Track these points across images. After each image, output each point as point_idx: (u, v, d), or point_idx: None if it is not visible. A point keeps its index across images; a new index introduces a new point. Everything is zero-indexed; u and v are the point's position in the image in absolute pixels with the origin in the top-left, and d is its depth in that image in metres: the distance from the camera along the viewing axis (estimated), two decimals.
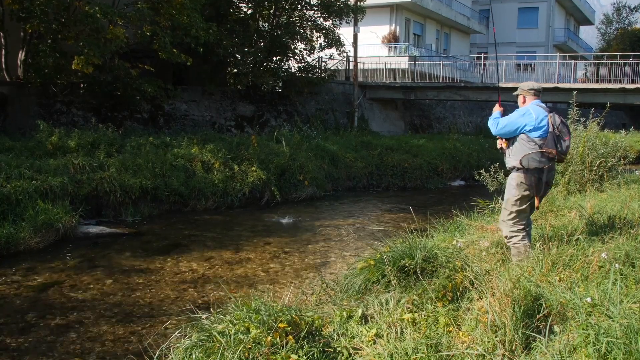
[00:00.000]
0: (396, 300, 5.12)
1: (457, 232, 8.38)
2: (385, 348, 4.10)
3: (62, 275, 9.01)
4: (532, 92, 6.37)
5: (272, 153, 17.45)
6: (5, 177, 11.93)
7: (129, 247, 10.96)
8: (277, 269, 9.53)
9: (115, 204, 13.52)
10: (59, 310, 7.40)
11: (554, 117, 6.07)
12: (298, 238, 11.81)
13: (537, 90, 6.39)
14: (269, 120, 24.43)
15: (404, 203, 16.40)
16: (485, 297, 4.26)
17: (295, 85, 24.99)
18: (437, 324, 4.51)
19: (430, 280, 5.30)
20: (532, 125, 6.06)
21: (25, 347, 6.23)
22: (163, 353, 4.44)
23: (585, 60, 49.13)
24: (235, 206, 15.33)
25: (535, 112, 6.13)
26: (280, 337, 4.21)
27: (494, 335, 3.97)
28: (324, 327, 4.74)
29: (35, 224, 10.82)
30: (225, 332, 4.30)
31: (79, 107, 18.72)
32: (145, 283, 8.61)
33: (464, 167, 22.88)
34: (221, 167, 15.90)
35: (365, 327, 4.65)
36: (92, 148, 14.99)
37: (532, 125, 6.05)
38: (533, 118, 6.07)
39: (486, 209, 9.47)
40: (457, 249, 6.20)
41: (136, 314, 7.30)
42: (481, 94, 28.55)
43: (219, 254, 10.42)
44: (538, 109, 6.17)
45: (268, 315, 4.40)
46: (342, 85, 29.28)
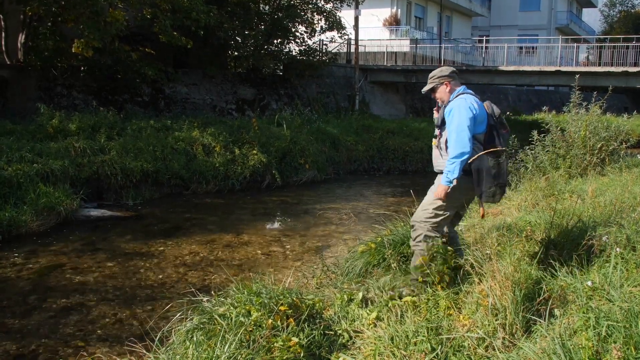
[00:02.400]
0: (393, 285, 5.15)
1: None
2: (385, 331, 4.11)
3: (63, 258, 9.03)
4: (455, 76, 5.39)
5: (273, 136, 17.43)
6: (7, 160, 11.95)
7: (130, 230, 10.97)
8: (278, 252, 9.54)
9: (116, 187, 13.53)
10: (60, 293, 7.42)
11: (491, 105, 5.14)
12: (298, 222, 11.82)
13: (452, 72, 5.42)
14: (270, 103, 24.38)
15: (405, 186, 16.39)
16: (485, 281, 4.27)
17: (296, 69, 24.91)
18: (438, 308, 4.52)
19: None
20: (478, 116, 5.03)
21: (27, 330, 6.26)
22: (164, 335, 4.46)
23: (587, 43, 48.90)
24: (236, 189, 15.33)
25: (474, 99, 5.12)
26: (281, 320, 4.22)
27: (495, 319, 3.98)
28: (324, 310, 4.75)
29: (36, 207, 10.84)
30: (227, 315, 4.32)
31: (79, 90, 18.68)
32: (146, 266, 8.63)
33: None
34: (222, 151, 15.89)
35: (366, 310, 4.66)
36: (93, 131, 14.98)
37: (478, 116, 5.04)
38: (476, 107, 5.04)
39: None
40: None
41: (137, 296, 7.33)
42: (483, 77, 28.46)
43: (220, 237, 10.43)
44: (472, 97, 5.16)
45: (269, 298, 4.41)
46: (343, 69, 29.18)
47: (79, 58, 17.55)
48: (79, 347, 5.79)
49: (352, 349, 4.20)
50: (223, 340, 3.98)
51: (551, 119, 11.89)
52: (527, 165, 10.71)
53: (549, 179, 9.00)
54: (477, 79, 28.70)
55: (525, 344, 3.60)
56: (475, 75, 28.42)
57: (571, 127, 11.30)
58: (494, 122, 5.03)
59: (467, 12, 44.43)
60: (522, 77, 28.06)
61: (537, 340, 3.67)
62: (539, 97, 47.20)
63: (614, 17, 74.45)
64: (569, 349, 3.40)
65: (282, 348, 3.97)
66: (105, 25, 16.45)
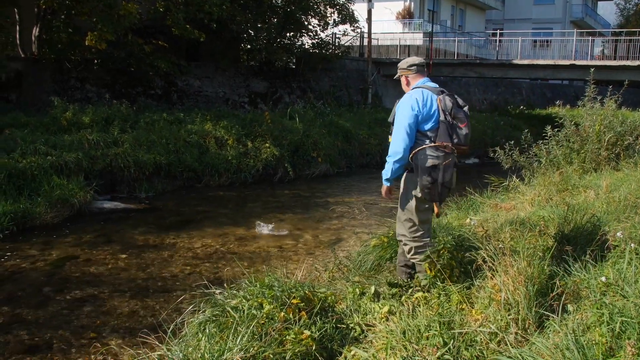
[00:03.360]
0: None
1: (470, 210, 8.35)
2: (397, 325, 4.11)
3: (77, 250, 9.08)
4: (414, 69, 5.16)
5: (286, 129, 17.44)
6: (21, 153, 12.06)
7: (143, 222, 11.02)
8: (290, 245, 9.55)
9: (129, 180, 13.58)
10: (74, 285, 7.47)
11: (444, 99, 4.88)
12: (310, 215, 11.82)
13: (419, 66, 5.17)
14: (283, 96, 24.38)
15: None
16: (498, 276, 4.25)
17: (308, 62, 24.89)
18: (450, 302, 4.51)
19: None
20: (421, 113, 4.86)
21: (42, 320, 6.31)
22: (177, 327, 4.48)
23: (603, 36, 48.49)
24: (248, 182, 15.36)
25: (420, 96, 4.92)
26: (293, 313, 4.23)
27: (507, 314, 3.96)
28: (337, 303, 4.75)
29: (50, 199, 10.91)
30: (239, 307, 4.33)
31: (92, 83, 18.77)
32: (159, 258, 8.67)
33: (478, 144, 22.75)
34: (235, 144, 15.92)
35: (378, 304, 4.66)
36: (106, 124, 15.05)
37: (422, 113, 4.86)
38: (419, 105, 4.86)
39: (500, 187, 9.44)
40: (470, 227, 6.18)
41: (150, 288, 7.36)
42: (496, 71, 28.33)
43: (232, 230, 10.46)
44: (424, 91, 4.97)
45: (281, 291, 4.41)
46: (356, 62, 29.12)
47: (93, 51, 17.63)
48: (92, 338, 5.83)
49: (364, 343, 4.20)
50: (235, 333, 3.99)
51: (565, 113, 11.80)
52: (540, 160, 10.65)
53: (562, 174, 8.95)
54: (490, 73, 28.57)
55: (538, 339, 3.59)
56: (488, 69, 28.29)
57: (586, 122, 11.22)
58: (445, 117, 4.82)
59: (481, 5, 44.15)
60: (536, 71, 27.91)
61: (550, 336, 3.65)
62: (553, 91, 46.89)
63: (630, 10, 73.65)
64: (582, 344, 3.38)
65: (294, 341, 3.98)
66: (118, 18, 16.51)
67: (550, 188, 8.31)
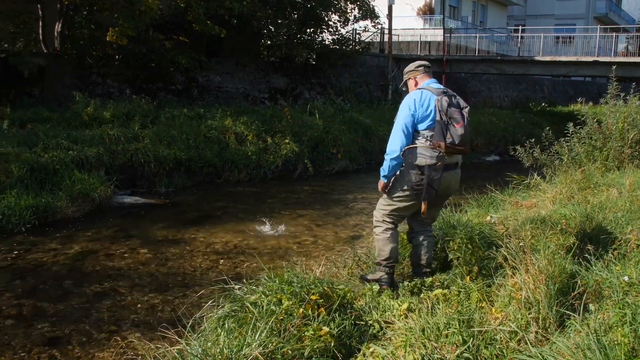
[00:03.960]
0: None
1: (491, 207, 8.30)
2: (416, 322, 4.09)
3: (97, 244, 9.16)
4: (422, 70, 5.30)
5: (306, 125, 17.44)
6: (43, 147, 12.19)
7: (163, 217, 11.08)
8: (310, 241, 9.55)
9: (149, 175, 13.67)
10: (94, 279, 7.53)
11: (441, 100, 4.92)
12: (330, 211, 11.81)
13: (426, 67, 5.33)
14: (303, 92, 24.39)
15: None
16: (519, 274, 4.22)
17: (328, 58, 24.88)
18: (470, 300, 4.48)
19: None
20: (417, 114, 4.99)
21: (62, 313, 6.36)
22: (196, 322, 4.49)
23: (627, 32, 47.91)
24: (268, 178, 15.38)
25: (419, 96, 5.05)
26: (312, 309, 4.23)
27: (528, 312, 3.93)
28: (355, 300, 4.75)
29: (71, 194, 11.01)
30: (258, 303, 4.33)
31: (114, 78, 18.90)
32: (178, 253, 8.71)
33: (499, 142, 22.65)
34: (254, 139, 15.95)
35: (397, 301, 4.64)
36: (127, 119, 15.15)
37: (418, 114, 4.99)
38: (416, 105, 5.00)
39: (521, 184, 9.36)
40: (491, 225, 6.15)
41: (169, 283, 7.40)
42: (518, 68, 28.12)
43: (251, 225, 10.47)
44: (424, 92, 5.07)
45: (300, 287, 4.41)
46: (377, 58, 29.07)
47: (114, 47, 17.77)
48: (112, 332, 5.87)
49: (383, 340, 4.19)
50: (254, 328, 4.00)
51: (587, 110, 11.68)
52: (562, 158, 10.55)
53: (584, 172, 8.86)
54: (512, 70, 28.36)
55: (559, 339, 3.55)
56: (510, 66, 28.09)
57: (608, 119, 11.09)
58: (441, 117, 4.89)
59: (503, 1, 43.87)
60: (558, 68, 27.66)
61: (571, 335, 3.62)
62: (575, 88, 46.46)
63: None
64: (604, 344, 3.34)
65: (313, 337, 3.98)
66: (139, 14, 16.60)
67: (572, 186, 8.23)
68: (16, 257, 8.36)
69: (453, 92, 5.15)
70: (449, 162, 5.04)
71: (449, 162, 5.02)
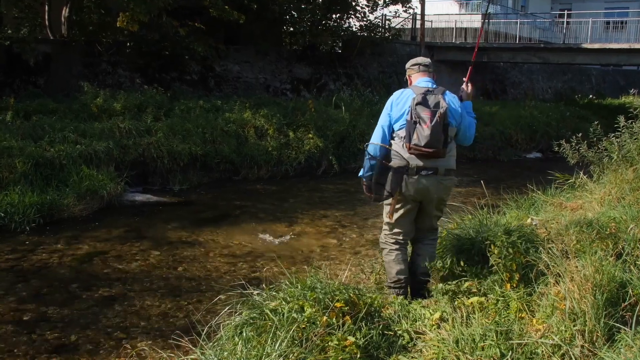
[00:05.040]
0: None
1: (532, 209, 8.23)
2: (450, 333, 4.07)
3: (106, 245, 9.24)
4: (417, 69, 5.43)
5: (331, 119, 17.44)
6: (49, 141, 12.30)
7: (177, 217, 11.14)
8: (334, 244, 9.56)
9: (162, 171, 13.75)
10: (103, 282, 7.59)
11: (415, 98, 5.04)
12: (357, 211, 11.80)
13: (423, 65, 5.43)
14: (328, 83, 24.38)
15: (474, 176, 16.19)
16: (562, 282, 4.18)
17: (356, 46, 24.82)
18: (508, 310, 4.45)
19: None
20: (392, 113, 5.24)
21: (68, 319, 6.43)
22: (212, 330, 4.51)
23: None
24: (289, 176, 15.41)
25: (397, 95, 5.28)
26: (336, 318, 4.22)
27: (572, 324, 3.89)
28: (383, 308, 4.73)
29: (79, 191, 11.11)
30: (278, 310, 4.34)
31: (124, 67, 19.03)
32: (193, 256, 8.76)
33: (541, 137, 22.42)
34: (275, 134, 15.98)
35: (429, 310, 4.63)
36: (139, 111, 15.26)
37: (393, 113, 5.23)
38: (392, 104, 5.25)
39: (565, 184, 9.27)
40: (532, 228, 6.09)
41: (183, 288, 7.44)
42: (563, 56, 27.83)
43: (271, 226, 10.50)
44: (405, 90, 5.28)
45: (324, 294, 4.41)
46: (408, 46, 28.96)
47: (125, 33, 17.87)
48: (121, 339, 5.92)
49: (413, 352, 4.18)
50: (274, 337, 4.00)
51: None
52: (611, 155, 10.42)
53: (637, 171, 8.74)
54: (556, 58, 28.08)
55: (608, 354, 3.52)
56: (554, 54, 27.81)
57: None
58: (411, 117, 5.02)
59: None
60: (608, 56, 27.30)
61: (622, 351, 3.58)
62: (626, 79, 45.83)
63: None
64: None
65: (337, 348, 3.97)
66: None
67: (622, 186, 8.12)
68: (19, 259, 8.46)
69: (444, 90, 5.22)
70: (426, 166, 5.11)
71: (426, 165, 5.10)
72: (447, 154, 5.16)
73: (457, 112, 5.24)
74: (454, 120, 5.20)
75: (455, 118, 5.21)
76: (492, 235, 5.35)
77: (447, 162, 5.23)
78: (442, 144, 5.01)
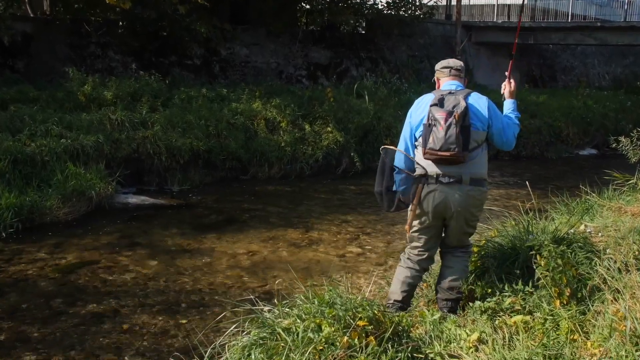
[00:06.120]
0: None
1: (586, 214, 8.19)
2: (490, 357, 4.07)
3: (95, 253, 9.27)
4: (447, 72, 5.70)
5: (352, 110, 17.42)
6: (29, 134, 12.30)
7: (176, 222, 11.18)
8: (356, 253, 9.55)
9: (159, 169, 13.80)
10: (90, 296, 7.62)
11: (434, 101, 5.26)
12: (382, 216, 11.79)
13: (454, 69, 5.69)
14: (349, 69, 24.38)
15: (517, 175, 16.15)
16: (622, 299, 4.16)
17: (382, 26, 24.76)
18: (558, 330, 4.43)
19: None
20: (412, 121, 5.48)
21: (51, 339, 6.45)
22: (216, 352, 4.52)
23: None
24: (305, 175, 15.42)
25: (419, 102, 5.55)
26: (359, 338, 4.22)
27: (634, 349, 3.87)
28: (413, 327, 4.73)
29: (64, 191, 11.15)
30: (292, 329, 4.34)
31: (116, 50, 19.09)
32: (194, 266, 8.78)
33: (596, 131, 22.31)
34: (289, 127, 16.00)
35: (465, 331, 4.61)
36: (133, 100, 15.28)
37: (413, 120, 5.48)
38: (412, 112, 5.52)
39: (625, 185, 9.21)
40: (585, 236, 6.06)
41: (183, 303, 7.47)
42: (623, 37, 27.57)
43: (284, 233, 10.52)
44: (427, 96, 5.51)
45: (345, 311, 4.41)
46: (442, 26, 28.89)
47: (116, 11, 17.88)
48: None
49: None
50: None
51: None
52: None
53: None
54: (615, 39, 27.84)
55: None
56: (613, 34, 27.57)
57: None
58: (428, 121, 5.18)
59: None
60: None
61: None
62: None
63: None
64: None
65: None
66: None
67: None
68: None
69: (469, 92, 5.39)
70: (446, 174, 5.15)
71: (446, 173, 5.15)
72: (471, 159, 5.17)
73: (482, 114, 5.30)
74: (480, 122, 5.25)
75: (481, 120, 5.26)
76: (538, 244, 5.33)
77: (473, 169, 5.22)
78: (462, 147, 5.03)
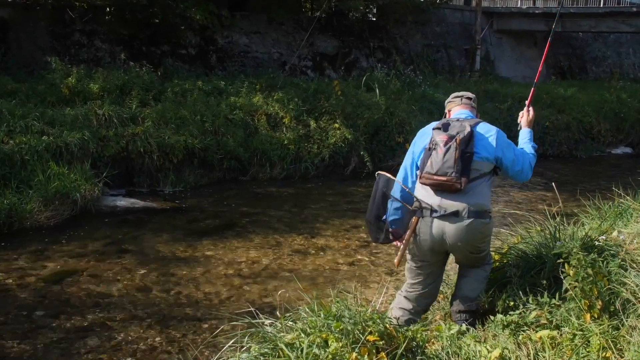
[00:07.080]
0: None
1: (619, 219, 8.17)
2: None
3: (80, 262, 9.29)
4: (458, 101, 5.79)
5: (362, 105, 17.45)
6: (7, 131, 12.28)
7: (169, 227, 11.20)
8: (366, 262, 9.56)
9: (151, 169, 13.83)
10: (75, 309, 7.64)
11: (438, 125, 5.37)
12: None
13: (466, 97, 5.81)
14: (358, 59, 24.39)
15: (543, 176, 16.13)
16: None
17: (394, 12, 24.73)
18: (588, 347, 4.43)
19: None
20: (415, 149, 5.56)
21: (31, 354, 6.47)
22: None
23: None
24: (310, 176, 15.43)
25: (424, 130, 5.63)
26: (369, 354, 4.23)
27: None
28: (428, 343, 4.73)
29: (45, 193, 11.17)
30: (296, 344, 4.35)
31: (103, 38, 19.10)
32: (189, 276, 8.79)
33: (631, 128, 22.28)
34: (293, 123, 16.01)
35: (486, 347, 4.61)
36: (122, 94, 15.31)
37: (415, 148, 5.57)
38: (416, 140, 5.62)
39: None
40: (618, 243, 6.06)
41: (177, 315, 7.48)
42: None
43: (287, 239, 10.53)
44: (433, 124, 5.55)
45: (353, 324, 4.42)
46: (460, 13, 28.87)
47: None
48: None
49: None
50: None
51: None
52: None
53: None
54: None
55: None
56: None
57: None
58: (429, 145, 5.31)
59: None
60: None
61: None
62: None
63: None
64: None
65: None
66: None
67: None
68: None
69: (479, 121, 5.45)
70: (443, 205, 5.18)
71: (442, 204, 5.18)
72: (471, 189, 5.16)
73: (489, 143, 5.28)
74: (485, 152, 5.24)
75: (487, 149, 5.25)
76: (566, 252, 5.32)
77: (473, 200, 5.18)
78: (459, 173, 5.06)
